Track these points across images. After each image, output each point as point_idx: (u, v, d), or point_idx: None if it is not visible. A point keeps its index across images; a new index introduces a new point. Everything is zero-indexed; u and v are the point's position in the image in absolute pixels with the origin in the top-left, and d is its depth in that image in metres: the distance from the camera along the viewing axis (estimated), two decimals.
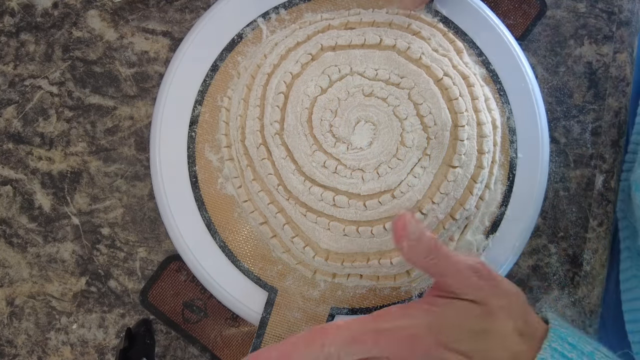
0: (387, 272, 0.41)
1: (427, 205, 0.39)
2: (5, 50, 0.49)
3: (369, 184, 0.39)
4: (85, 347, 0.46)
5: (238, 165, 0.42)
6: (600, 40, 0.51)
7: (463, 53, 0.44)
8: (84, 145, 0.48)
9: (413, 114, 0.40)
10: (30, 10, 0.49)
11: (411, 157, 0.40)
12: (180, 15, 0.49)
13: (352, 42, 0.41)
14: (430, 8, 0.45)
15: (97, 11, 0.49)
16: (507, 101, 0.44)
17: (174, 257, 0.46)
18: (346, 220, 0.39)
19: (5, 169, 0.48)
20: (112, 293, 0.47)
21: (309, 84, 0.40)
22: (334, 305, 0.42)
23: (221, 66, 0.44)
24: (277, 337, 0.41)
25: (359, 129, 0.40)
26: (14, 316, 0.46)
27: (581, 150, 0.50)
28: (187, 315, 0.45)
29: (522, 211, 0.44)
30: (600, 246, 0.49)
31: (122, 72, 0.48)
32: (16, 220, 0.47)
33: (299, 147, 0.40)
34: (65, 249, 0.47)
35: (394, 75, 0.41)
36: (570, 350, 0.32)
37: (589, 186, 0.49)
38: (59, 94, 0.48)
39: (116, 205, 0.47)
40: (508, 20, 0.48)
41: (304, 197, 0.39)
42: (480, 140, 0.41)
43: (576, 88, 0.50)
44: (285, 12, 0.44)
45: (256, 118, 0.41)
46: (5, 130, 0.48)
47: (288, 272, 0.42)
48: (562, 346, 0.32)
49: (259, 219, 0.42)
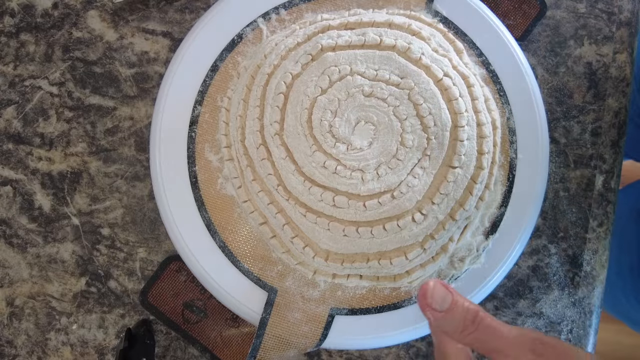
0: (387, 272, 0.41)
1: (427, 205, 0.39)
2: (5, 50, 0.49)
3: (368, 184, 0.39)
4: (85, 348, 0.46)
5: (238, 166, 0.42)
6: (600, 40, 0.51)
7: (463, 53, 0.44)
8: (84, 146, 0.48)
9: (413, 115, 0.40)
10: (30, 11, 0.49)
11: (411, 157, 0.40)
12: (180, 16, 0.49)
13: (352, 43, 0.41)
14: (430, 8, 0.45)
15: (97, 12, 0.49)
16: (507, 102, 0.44)
17: (174, 257, 0.46)
18: (346, 221, 0.39)
19: (5, 169, 0.48)
20: (112, 293, 0.47)
21: (309, 84, 0.40)
22: (333, 305, 0.42)
23: (221, 66, 0.44)
24: (277, 337, 0.41)
25: (359, 130, 0.40)
26: (14, 316, 0.46)
27: (581, 150, 0.50)
28: (187, 316, 0.45)
29: (522, 212, 0.44)
30: (600, 246, 0.49)
31: (122, 73, 0.48)
32: (16, 220, 0.47)
33: (298, 147, 0.40)
34: (65, 250, 0.47)
35: (394, 76, 0.41)
36: None
37: (589, 186, 0.49)
38: (59, 94, 0.48)
39: (116, 205, 0.47)
40: (508, 20, 0.48)
41: (304, 198, 0.39)
42: (480, 141, 0.41)
43: (576, 88, 0.50)
44: (285, 13, 0.44)
45: (256, 118, 0.41)
46: (5, 131, 0.48)
47: (288, 273, 0.42)
48: None
49: (259, 219, 0.42)
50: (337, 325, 0.42)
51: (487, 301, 0.48)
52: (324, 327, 0.42)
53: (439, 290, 0.30)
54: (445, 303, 0.30)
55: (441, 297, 0.30)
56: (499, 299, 0.48)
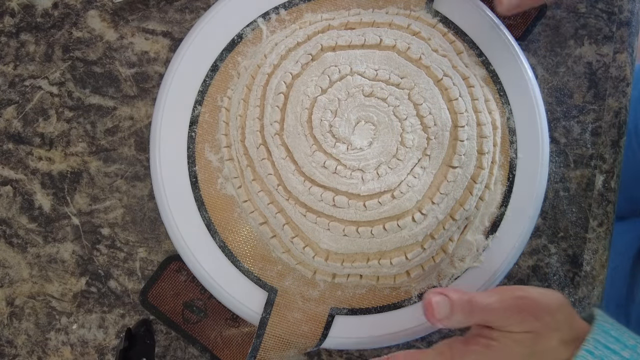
0: (387, 272, 0.41)
1: (427, 205, 0.39)
2: (5, 50, 0.49)
3: (368, 184, 0.39)
4: (85, 348, 0.46)
5: (238, 166, 0.42)
6: (600, 40, 0.51)
7: (463, 53, 0.44)
8: (84, 146, 0.48)
9: (413, 115, 0.40)
10: (30, 11, 0.49)
11: (411, 157, 0.40)
12: (180, 16, 0.49)
13: (352, 43, 0.41)
14: (430, 8, 0.45)
15: (97, 11, 0.49)
16: (507, 102, 0.44)
17: (174, 257, 0.46)
18: (346, 221, 0.39)
19: (5, 169, 0.48)
20: (112, 293, 0.47)
21: (309, 84, 0.40)
22: (333, 305, 0.42)
23: (221, 66, 0.44)
24: (277, 337, 0.41)
25: (359, 129, 0.40)
26: (14, 316, 0.46)
27: (581, 150, 0.49)
28: (187, 316, 0.45)
29: (522, 211, 0.44)
30: (600, 246, 0.49)
31: (122, 73, 0.48)
32: (16, 220, 0.47)
33: (298, 147, 0.40)
34: (65, 249, 0.47)
35: (394, 76, 0.41)
36: (614, 342, 0.33)
37: (589, 186, 0.49)
38: (59, 94, 0.48)
39: (116, 205, 0.47)
40: (508, 20, 0.48)
41: (304, 198, 0.39)
42: (480, 141, 0.41)
43: (576, 88, 0.50)
44: (285, 12, 0.44)
45: (256, 118, 0.41)
46: (5, 131, 0.48)
47: (288, 272, 0.42)
48: (605, 338, 0.33)
49: (259, 219, 0.42)
50: (337, 325, 0.42)
51: None
52: (324, 327, 0.42)
53: (441, 303, 0.34)
54: (447, 308, 0.34)
55: (444, 307, 0.34)
56: None
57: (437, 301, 0.34)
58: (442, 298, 0.34)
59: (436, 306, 0.34)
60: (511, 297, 0.34)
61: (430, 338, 0.47)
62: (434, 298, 0.34)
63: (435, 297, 0.34)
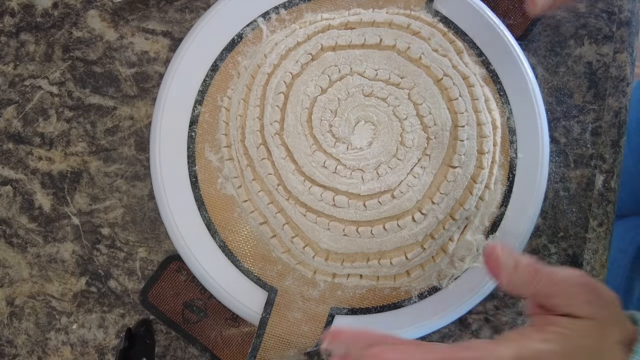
0: (387, 272, 0.41)
1: (427, 205, 0.39)
2: (5, 50, 0.49)
3: (368, 184, 0.39)
4: (85, 347, 0.46)
5: (238, 165, 0.42)
6: (600, 40, 0.51)
7: (463, 53, 0.44)
8: (84, 145, 0.48)
9: (413, 114, 0.40)
10: (30, 11, 0.49)
11: (411, 157, 0.40)
12: (180, 15, 0.49)
13: (352, 42, 0.41)
14: (430, 8, 0.45)
15: (97, 11, 0.49)
16: (507, 101, 0.44)
17: (174, 257, 0.46)
18: (346, 221, 0.39)
19: (5, 169, 0.48)
20: (112, 293, 0.47)
21: (309, 84, 0.40)
22: (333, 305, 0.42)
23: (221, 66, 0.44)
24: (277, 337, 0.41)
25: (359, 129, 0.40)
26: (14, 316, 0.46)
27: (581, 150, 0.49)
28: (187, 316, 0.45)
29: (522, 211, 0.44)
30: (600, 246, 0.49)
31: (122, 72, 0.48)
32: (16, 220, 0.47)
33: (298, 147, 0.40)
34: (65, 249, 0.47)
35: (394, 76, 0.41)
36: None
37: (589, 186, 0.49)
38: (59, 94, 0.48)
39: (116, 205, 0.47)
40: (508, 20, 0.48)
41: (304, 197, 0.39)
42: (480, 141, 0.41)
43: (576, 88, 0.50)
44: (285, 12, 0.44)
45: (256, 118, 0.41)
46: (5, 130, 0.48)
47: (288, 272, 0.42)
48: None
49: (259, 219, 0.42)
50: (337, 325, 0.42)
51: (487, 301, 0.48)
52: (323, 327, 0.42)
53: (505, 252, 0.31)
54: (511, 263, 0.31)
55: (509, 258, 0.31)
56: (499, 299, 0.48)
57: (503, 251, 0.31)
58: (509, 254, 0.31)
59: (502, 254, 0.31)
60: (578, 275, 0.31)
61: (429, 338, 0.47)
62: (498, 247, 0.31)
63: (504, 250, 0.31)
